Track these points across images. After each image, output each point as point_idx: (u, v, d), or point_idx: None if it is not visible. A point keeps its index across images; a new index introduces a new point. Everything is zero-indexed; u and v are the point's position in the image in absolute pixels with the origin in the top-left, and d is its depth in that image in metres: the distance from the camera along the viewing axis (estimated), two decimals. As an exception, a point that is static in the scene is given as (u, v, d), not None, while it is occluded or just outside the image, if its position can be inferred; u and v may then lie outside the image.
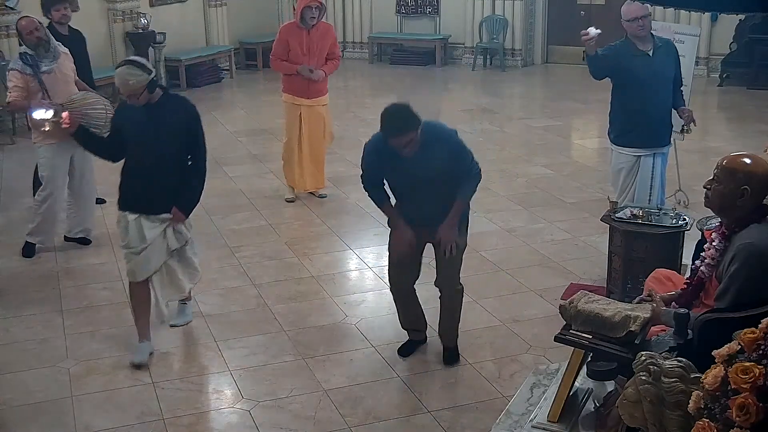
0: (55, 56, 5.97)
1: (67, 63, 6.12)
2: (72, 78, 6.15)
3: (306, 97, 7.06)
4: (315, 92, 7.07)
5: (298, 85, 7.03)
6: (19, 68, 5.86)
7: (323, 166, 7.40)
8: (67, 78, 6.06)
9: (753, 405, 2.40)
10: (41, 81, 5.86)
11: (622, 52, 5.50)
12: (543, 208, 7.09)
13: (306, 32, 6.91)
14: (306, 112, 7.10)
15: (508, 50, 13.86)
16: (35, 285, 5.76)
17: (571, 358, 3.53)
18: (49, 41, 5.96)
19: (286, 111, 7.23)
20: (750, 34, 11.79)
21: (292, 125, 7.18)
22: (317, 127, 7.18)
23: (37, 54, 5.89)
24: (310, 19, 6.85)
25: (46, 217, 6.17)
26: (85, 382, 4.49)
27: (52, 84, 5.90)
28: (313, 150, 7.22)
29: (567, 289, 5.41)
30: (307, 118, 7.11)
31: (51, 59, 5.94)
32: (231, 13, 13.78)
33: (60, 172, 6.13)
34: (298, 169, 7.24)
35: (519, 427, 3.67)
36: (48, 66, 5.91)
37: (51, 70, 5.92)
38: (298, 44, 6.91)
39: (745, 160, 3.36)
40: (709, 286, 3.53)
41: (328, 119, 7.31)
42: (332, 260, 6.10)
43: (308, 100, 7.07)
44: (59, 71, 5.98)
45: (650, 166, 5.59)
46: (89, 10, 11.24)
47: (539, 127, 10.05)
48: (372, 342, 4.80)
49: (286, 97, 7.19)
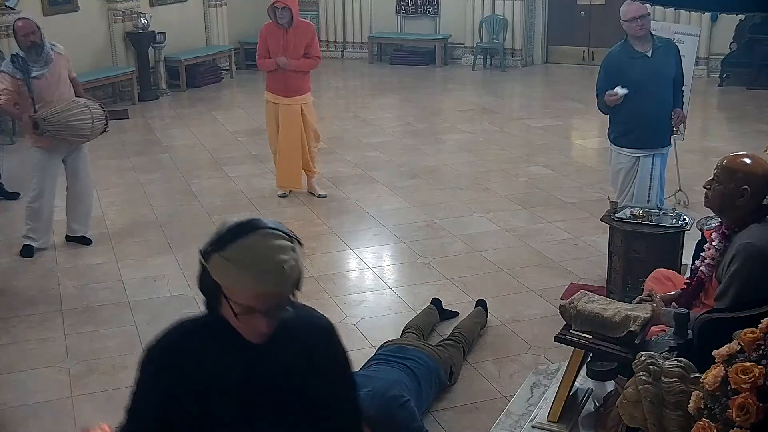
0: (47, 61, 5.87)
1: (61, 64, 6.01)
2: (65, 78, 6.03)
3: (284, 95, 7.10)
4: (293, 91, 7.08)
5: (276, 83, 7.10)
6: (9, 71, 5.79)
7: (299, 167, 7.32)
8: (59, 80, 5.95)
9: (753, 405, 2.40)
10: (30, 87, 5.79)
11: (620, 55, 5.50)
12: (543, 208, 7.09)
13: (284, 31, 6.99)
14: (283, 110, 7.14)
15: (508, 50, 13.85)
16: (35, 285, 5.76)
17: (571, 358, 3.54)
18: (43, 46, 5.85)
19: (266, 109, 7.35)
20: (750, 34, 11.78)
21: (269, 123, 7.31)
22: (293, 127, 7.17)
23: (28, 57, 5.81)
24: (279, 18, 6.97)
25: (39, 218, 6.17)
26: (85, 382, 4.49)
27: (43, 88, 5.84)
28: (288, 149, 7.20)
29: (567, 289, 5.40)
30: (283, 117, 7.14)
31: (42, 64, 5.85)
32: (231, 13, 13.77)
33: (50, 174, 6.12)
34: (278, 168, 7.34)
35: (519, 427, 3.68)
36: (39, 71, 5.83)
37: (42, 75, 5.84)
38: (275, 43, 7.02)
39: (745, 160, 3.36)
40: (709, 286, 3.53)
41: (310, 118, 7.29)
42: (332, 260, 6.10)
43: (286, 98, 7.10)
44: (51, 75, 5.89)
45: (649, 166, 5.59)
46: (89, 10, 11.25)
47: (539, 127, 10.04)
48: (372, 342, 4.80)
49: (267, 95, 7.29)
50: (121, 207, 7.30)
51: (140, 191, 7.71)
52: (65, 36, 10.82)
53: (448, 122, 10.36)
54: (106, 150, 9.11)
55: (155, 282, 5.72)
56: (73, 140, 6.02)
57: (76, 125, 5.88)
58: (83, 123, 5.91)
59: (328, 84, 12.87)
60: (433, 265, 5.90)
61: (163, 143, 9.53)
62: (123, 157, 8.88)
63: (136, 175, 8.23)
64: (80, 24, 11.03)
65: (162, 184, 7.96)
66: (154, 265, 6.01)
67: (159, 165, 8.61)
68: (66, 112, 5.87)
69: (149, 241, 6.47)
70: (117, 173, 8.32)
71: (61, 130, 5.87)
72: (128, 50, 11.81)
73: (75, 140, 6.03)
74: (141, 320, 5.16)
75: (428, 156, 8.77)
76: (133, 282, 5.73)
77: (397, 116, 10.94)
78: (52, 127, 5.83)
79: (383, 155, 8.81)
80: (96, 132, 6.10)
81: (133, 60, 11.82)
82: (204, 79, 12.82)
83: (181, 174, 8.22)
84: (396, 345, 4.35)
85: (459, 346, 4.53)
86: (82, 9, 11.13)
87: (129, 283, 5.71)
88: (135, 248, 6.34)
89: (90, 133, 6.04)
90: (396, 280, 5.74)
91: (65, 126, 5.86)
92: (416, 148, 9.07)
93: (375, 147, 9.13)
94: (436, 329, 4.92)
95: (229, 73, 13.51)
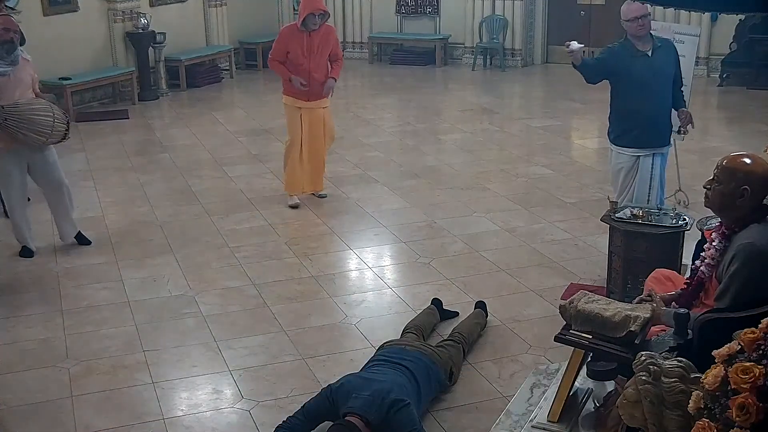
0: (14, 61, 5.83)
1: (28, 70, 5.99)
2: (29, 85, 5.99)
3: (306, 100, 7.05)
4: (315, 95, 7.06)
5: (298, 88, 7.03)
6: None
7: (323, 169, 7.39)
8: (21, 84, 5.91)
9: (753, 405, 2.40)
10: None
11: (621, 53, 5.50)
12: (543, 208, 7.09)
13: (307, 35, 6.91)
14: (306, 114, 7.09)
15: (508, 50, 13.86)
16: (35, 285, 5.76)
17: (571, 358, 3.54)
18: (16, 48, 5.84)
19: (287, 113, 7.23)
20: (750, 34, 11.78)
21: (294, 127, 7.16)
22: (317, 130, 7.17)
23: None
24: (313, 24, 6.87)
25: (13, 220, 6.17)
26: (85, 382, 4.49)
27: (4, 87, 5.79)
28: (312, 152, 7.21)
29: (567, 289, 5.41)
30: (308, 121, 7.10)
31: (9, 62, 5.81)
32: (231, 13, 13.77)
33: (13, 177, 6.03)
34: (299, 172, 7.24)
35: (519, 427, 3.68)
36: (3, 68, 5.79)
37: (6, 73, 5.80)
38: (298, 46, 6.90)
39: (745, 160, 3.36)
40: (709, 286, 3.53)
41: (329, 121, 7.30)
42: (332, 260, 6.10)
43: (308, 103, 7.06)
44: (15, 76, 5.85)
45: (649, 166, 5.59)
46: (89, 10, 11.25)
47: (539, 127, 10.05)
48: (372, 342, 4.80)
49: (286, 99, 7.18)
50: (121, 207, 7.30)
51: (140, 191, 7.71)
52: (65, 36, 10.89)
53: (448, 122, 10.37)
54: (106, 150, 9.13)
55: (155, 282, 5.72)
56: (30, 137, 5.86)
57: (36, 120, 5.77)
58: (44, 119, 5.82)
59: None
60: (433, 265, 5.90)
61: (163, 143, 9.53)
62: (123, 157, 8.88)
63: (136, 175, 8.23)
64: (80, 24, 11.04)
65: (162, 184, 7.96)
66: (154, 265, 6.01)
67: (159, 165, 8.60)
68: (27, 106, 5.80)
69: (149, 241, 6.47)
70: (117, 173, 8.32)
71: (20, 123, 5.77)
72: (128, 50, 11.81)
73: (32, 137, 5.87)
74: (141, 320, 5.16)
75: (428, 156, 8.78)
76: (133, 282, 5.73)
77: (397, 116, 10.95)
78: (11, 117, 5.73)
79: (383, 155, 8.81)
80: (56, 134, 5.96)
81: (133, 60, 11.82)
82: (204, 79, 12.83)
83: (181, 174, 8.22)
84: (396, 346, 4.35)
85: (459, 346, 4.53)
86: (82, 9, 11.14)
87: (129, 283, 5.71)
88: (135, 248, 6.34)
89: (50, 132, 5.89)
90: (396, 280, 5.74)
91: (26, 119, 5.74)
92: (416, 148, 9.07)
93: (375, 147, 9.14)
94: (436, 329, 4.92)
95: (229, 73, 13.51)
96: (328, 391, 3.89)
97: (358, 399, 3.76)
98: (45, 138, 5.92)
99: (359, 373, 4.12)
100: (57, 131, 5.97)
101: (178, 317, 5.21)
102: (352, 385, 3.87)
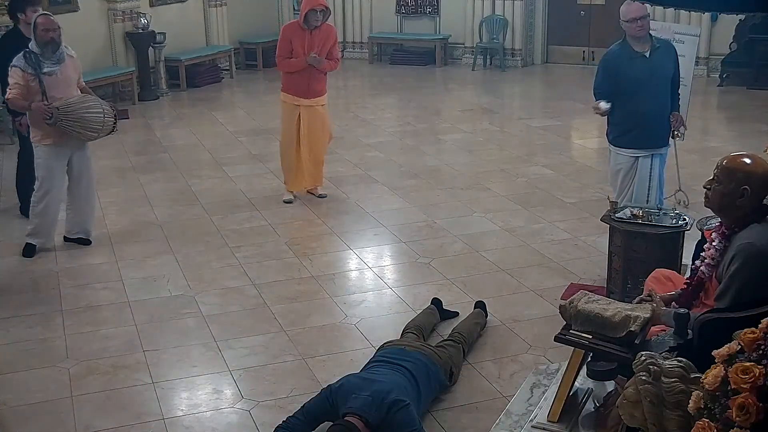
0: (60, 59, 5.92)
1: (72, 67, 6.07)
2: (74, 81, 6.09)
3: (305, 97, 7.06)
4: (314, 92, 7.07)
5: (299, 85, 7.03)
6: (21, 66, 5.83)
7: (322, 166, 7.41)
8: (69, 81, 6.01)
9: (753, 405, 2.40)
10: (41, 82, 5.84)
11: (620, 55, 5.51)
12: (543, 208, 7.09)
13: (308, 32, 6.92)
14: (305, 112, 7.10)
15: (508, 50, 13.86)
16: (35, 285, 5.76)
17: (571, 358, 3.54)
18: (59, 45, 5.91)
19: (284, 110, 7.23)
20: (750, 34, 11.78)
21: (288, 125, 7.18)
22: (316, 127, 7.18)
23: (42, 54, 5.85)
24: (314, 21, 6.87)
25: (44, 217, 6.16)
26: (85, 382, 4.49)
27: (53, 86, 5.87)
28: (312, 150, 7.22)
29: (567, 289, 5.41)
30: (307, 118, 7.11)
31: (55, 62, 5.90)
32: (231, 13, 13.77)
33: (56, 172, 6.10)
34: (296, 170, 7.25)
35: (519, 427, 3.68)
36: (50, 68, 5.87)
37: (53, 72, 5.88)
38: (299, 44, 6.92)
39: (745, 160, 3.36)
40: (709, 286, 3.53)
41: (327, 119, 7.31)
42: (332, 260, 6.10)
43: (307, 100, 7.07)
44: (62, 74, 5.94)
45: (648, 166, 5.60)
46: (89, 10, 11.25)
47: (539, 127, 10.04)
48: (372, 342, 4.80)
49: (285, 96, 7.18)
50: (121, 207, 7.30)
51: (140, 191, 7.71)
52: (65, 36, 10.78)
53: (448, 122, 10.36)
54: (106, 150, 9.11)
55: (155, 282, 5.72)
56: (83, 134, 5.97)
57: (88, 118, 5.88)
58: (96, 116, 5.91)
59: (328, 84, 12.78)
60: (433, 265, 5.90)
61: (163, 143, 9.53)
62: (123, 157, 8.88)
63: (136, 175, 8.23)
64: (80, 24, 11.02)
65: (162, 184, 7.96)
66: (154, 265, 6.01)
67: (159, 165, 8.61)
68: (81, 104, 5.88)
69: (149, 241, 6.47)
70: (117, 173, 8.32)
71: (73, 122, 5.85)
72: (128, 50, 11.82)
73: (85, 134, 5.98)
74: (141, 320, 5.16)
75: (428, 156, 8.77)
76: (133, 282, 5.72)
77: (397, 116, 10.95)
78: (66, 117, 5.81)
79: (383, 155, 8.81)
80: (106, 129, 6.08)
81: (133, 60, 11.82)
82: (204, 79, 12.83)
83: (181, 174, 8.22)
84: (396, 346, 4.35)
85: (459, 346, 4.53)
86: (82, 9, 11.13)
87: (129, 283, 5.71)
88: (135, 248, 6.34)
89: (101, 128, 6.02)
90: (396, 280, 5.74)
91: (78, 118, 5.83)
92: (416, 148, 9.07)
93: (375, 147, 9.13)
94: (436, 329, 4.92)
95: (229, 73, 13.51)
96: (328, 392, 3.89)
97: (358, 399, 3.76)
98: (96, 134, 6.04)
99: (359, 373, 4.12)
100: (106, 125, 6.07)
101: (178, 317, 5.21)
102: (352, 386, 3.87)
